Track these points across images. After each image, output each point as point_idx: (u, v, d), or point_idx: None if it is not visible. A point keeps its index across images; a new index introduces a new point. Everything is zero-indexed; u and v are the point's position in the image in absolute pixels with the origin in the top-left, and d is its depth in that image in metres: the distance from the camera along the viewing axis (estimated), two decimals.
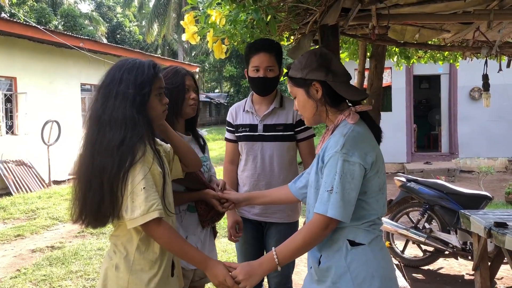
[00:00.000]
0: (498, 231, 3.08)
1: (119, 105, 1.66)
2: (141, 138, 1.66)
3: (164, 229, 1.65)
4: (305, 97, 1.80)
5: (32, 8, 26.40)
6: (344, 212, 1.60)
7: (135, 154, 1.63)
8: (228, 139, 2.88)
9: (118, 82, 1.69)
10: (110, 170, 1.60)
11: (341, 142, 1.64)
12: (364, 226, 1.69)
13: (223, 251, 5.35)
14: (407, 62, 4.99)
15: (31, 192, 9.54)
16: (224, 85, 40.60)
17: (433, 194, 4.73)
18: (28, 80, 10.67)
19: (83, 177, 1.67)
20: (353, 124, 1.71)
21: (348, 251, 1.68)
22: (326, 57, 1.79)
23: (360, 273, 1.66)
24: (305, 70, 1.78)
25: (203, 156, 2.43)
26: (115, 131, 1.64)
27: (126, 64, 1.75)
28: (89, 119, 1.71)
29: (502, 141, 11.92)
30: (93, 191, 1.63)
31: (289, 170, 2.71)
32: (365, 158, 1.64)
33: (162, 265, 1.74)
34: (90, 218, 1.69)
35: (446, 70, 12.22)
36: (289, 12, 2.80)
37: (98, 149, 1.64)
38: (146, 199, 1.60)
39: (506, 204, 8.07)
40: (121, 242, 1.73)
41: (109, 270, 1.72)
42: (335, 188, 1.60)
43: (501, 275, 4.39)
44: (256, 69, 2.59)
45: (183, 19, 3.23)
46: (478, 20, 2.89)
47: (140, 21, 41.83)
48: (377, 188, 1.69)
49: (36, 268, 4.91)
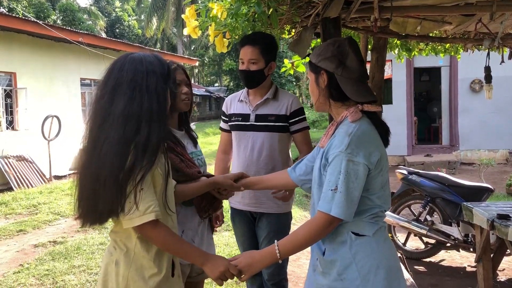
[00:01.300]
0: (501, 223, 3.09)
1: (152, 99, 1.62)
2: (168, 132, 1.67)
3: (159, 231, 1.63)
4: (314, 83, 1.82)
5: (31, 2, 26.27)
6: (347, 211, 1.61)
7: (158, 150, 1.63)
8: (222, 129, 2.95)
9: (145, 75, 1.64)
10: (132, 166, 1.56)
11: (346, 142, 1.63)
12: (368, 219, 1.70)
13: (225, 245, 5.36)
14: (408, 55, 4.98)
15: (32, 187, 9.55)
16: (224, 79, 40.53)
17: (434, 187, 4.73)
18: (27, 75, 10.64)
19: (94, 173, 1.59)
20: (355, 122, 1.69)
21: (353, 241, 1.69)
22: (343, 50, 1.74)
23: (365, 263, 1.67)
24: (319, 56, 1.77)
25: (197, 151, 2.43)
26: (148, 127, 1.59)
27: (142, 57, 1.69)
28: (113, 114, 1.60)
29: (502, 133, 11.92)
30: (102, 188, 1.57)
31: (279, 161, 2.72)
32: (369, 158, 1.64)
33: (162, 264, 1.72)
34: (89, 214, 1.65)
35: (447, 63, 12.20)
36: (291, 5, 2.79)
37: (123, 145, 1.57)
38: (144, 200, 1.59)
39: (507, 196, 8.08)
40: (120, 239, 1.72)
41: (109, 265, 1.71)
42: (339, 188, 1.61)
43: (502, 267, 4.41)
44: (242, 62, 2.66)
45: (182, 13, 3.22)
46: (481, 11, 2.88)
47: (139, 15, 41.72)
48: (379, 186, 1.70)
49: (39, 263, 4.92)
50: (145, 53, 1.74)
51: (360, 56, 1.77)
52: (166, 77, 1.71)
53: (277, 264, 2.71)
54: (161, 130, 1.63)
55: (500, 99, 11.14)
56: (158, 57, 1.75)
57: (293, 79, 28.78)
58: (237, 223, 2.87)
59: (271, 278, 2.74)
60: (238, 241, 2.94)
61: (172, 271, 1.79)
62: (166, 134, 1.67)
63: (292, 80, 28.54)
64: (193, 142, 2.43)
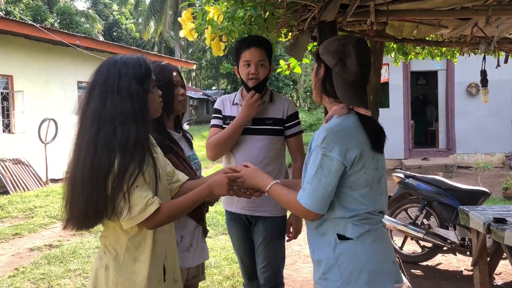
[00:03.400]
0: (497, 227, 3.08)
1: (124, 100, 1.61)
2: (148, 134, 1.65)
3: (163, 212, 1.65)
4: (314, 72, 1.85)
5: (28, 5, 26.28)
6: (315, 203, 1.65)
7: (146, 152, 1.62)
8: (216, 125, 2.75)
9: (117, 77, 1.64)
10: (116, 169, 1.56)
11: (322, 136, 1.66)
12: (353, 220, 1.69)
13: (222, 248, 5.35)
14: (404, 58, 4.98)
15: (29, 191, 9.52)
16: (221, 82, 40.54)
17: (431, 190, 4.74)
18: (24, 78, 10.62)
19: (79, 177, 1.59)
20: (339, 118, 1.71)
21: (337, 244, 1.70)
22: (346, 49, 1.72)
23: (347, 266, 1.67)
24: (324, 49, 1.79)
25: (193, 154, 2.41)
26: (123, 128, 1.59)
27: (118, 59, 1.70)
28: (87, 117, 1.62)
29: (499, 136, 11.94)
30: (89, 191, 1.56)
31: (276, 164, 2.71)
32: (345, 154, 1.64)
33: (152, 269, 1.69)
34: (78, 219, 1.63)
35: (443, 66, 12.23)
36: (287, 9, 2.79)
37: (101, 148, 1.56)
38: (141, 196, 1.59)
39: (504, 200, 8.09)
40: (109, 243, 1.70)
41: (99, 270, 1.69)
42: (310, 180, 1.65)
43: (499, 271, 4.40)
44: (248, 64, 2.60)
45: (180, 16, 3.22)
46: (476, 15, 2.89)
47: (136, 18, 41.73)
48: (364, 184, 1.69)
49: (34, 266, 4.90)
50: (126, 56, 1.73)
51: (363, 59, 1.73)
52: (142, 78, 1.69)
53: (273, 269, 2.71)
54: (140, 131, 1.61)
55: (496, 103, 11.17)
56: (140, 59, 1.73)
57: (291, 83, 28.81)
58: (233, 227, 2.84)
59: (268, 282, 2.73)
60: (234, 246, 2.92)
61: (164, 276, 1.76)
62: (146, 135, 1.65)
63: (289, 84, 28.57)
64: (189, 145, 2.42)
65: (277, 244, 2.74)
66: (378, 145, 1.74)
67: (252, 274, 2.86)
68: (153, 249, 1.70)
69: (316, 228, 1.77)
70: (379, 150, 1.76)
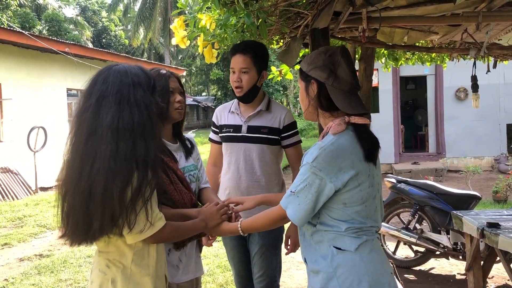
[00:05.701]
0: (491, 232, 3.10)
1: (142, 113, 1.58)
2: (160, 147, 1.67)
3: (167, 229, 1.68)
4: (303, 91, 1.80)
5: (16, 13, 26.08)
6: (298, 216, 1.67)
7: (158, 166, 1.61)
8: (213, 140, 2.89)
9: (132, 88, 1.60)
10: (136, 183, 1.52)
11: (315, 155, 1.64)
12: (349, 233, 1.67)
13: (215, 256, 5.32)
14: (395, 64, 5.01)
15: (18, 200, 9.40)
16: (211, 88, 40.50)
17: (423, 195, 4.76)
18: (13, 86, 10.51)
19: (97, 190, 1.51)
20: (335, 135, 1.67)
21: (335, 255, 1.67)
22: (335, 59, 1.71)
23: (347, 278, 1.65)
24: (310, 65, 1.75)
25: (189, 165, 2.27)
26: (141, 141, 1.55)
27: (127, 69, 1.65)
28: (104, 128, 1.53)
29: (488, 140, 12.08)
30: (97, 205, 1.51)
31: (271, 173, 2.68)
32: (336, 175, 1.61)
33: (158, 281, 1.71)
34: (79, 232, 1.58)
35: (432, 71, 12.36)
36: (280, 16, 2.78)
37: (121, 162, 1.51)
38: (152, 211, 1.60)
39: (494, 203, 8.17)
40: (114, 257, 1.67)
41: (104, 285, 1.65)
42: (298, 193, 1.66)
43: (491, 274, 4.43)
44: (233, 71, 2.60)
45: (169, 23, 3.23)
46: (467, 22, 2.91)
47: (125, 25, 41.61)
48: (358, 201, 1.66)
49: (24, 277, 4.82)
50: (129, 65, 1.70)
51: (352, 66, 1.73)
52: (152, 89, 1.68)
53: (269, 278, 2.68)
54: (157, 144, 1.62)
55: (485, 107, 11.27)
56: (143, 69, 1.71)
57: (281, 88, 28.86)
58: (227, 237, 2.80)
59: None
60: (228, 255, 2.87)
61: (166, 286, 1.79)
62: (161, 148, 1.67)
63: (279, 90, 28.62)
64: (185, 155, 2.28)
65: (273, 253, 2.71)
66: (371, 156, 1.70)
67: (246, 284, 2.83)
68: (157, 262, 1.72)
69: (311, 235, 1.75)
70: (372, 160, 1.72)
